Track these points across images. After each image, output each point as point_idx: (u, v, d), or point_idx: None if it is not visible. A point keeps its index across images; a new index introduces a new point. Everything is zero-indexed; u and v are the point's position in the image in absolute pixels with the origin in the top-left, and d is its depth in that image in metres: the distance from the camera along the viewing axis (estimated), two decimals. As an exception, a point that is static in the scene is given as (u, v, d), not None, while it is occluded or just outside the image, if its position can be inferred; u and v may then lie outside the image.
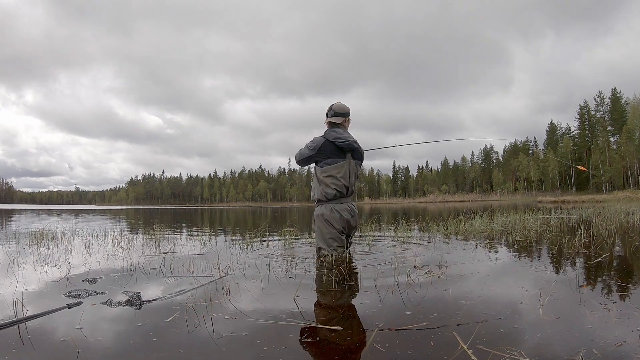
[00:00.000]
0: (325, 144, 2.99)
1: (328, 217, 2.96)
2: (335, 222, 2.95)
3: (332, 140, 2.98)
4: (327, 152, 2.99)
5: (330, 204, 2.98)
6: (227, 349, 1.28)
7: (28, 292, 2.05)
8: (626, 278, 2.17)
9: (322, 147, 2.99)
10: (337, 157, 2.99)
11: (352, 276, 2.30)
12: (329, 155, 2.99)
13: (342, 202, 3.02)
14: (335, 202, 2.99)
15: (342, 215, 2.98)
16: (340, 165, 2.98)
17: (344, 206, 3.01)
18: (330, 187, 2.96)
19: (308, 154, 3.04)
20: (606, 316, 1.51)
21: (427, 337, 1.34)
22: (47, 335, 1.40)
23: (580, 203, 22.34)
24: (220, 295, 1.92)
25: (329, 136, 3.01)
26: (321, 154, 2.99)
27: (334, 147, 2.99)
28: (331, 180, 2.96)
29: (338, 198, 2.99)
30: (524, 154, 70.60)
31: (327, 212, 2.97)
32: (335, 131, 3.04)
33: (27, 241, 4.48)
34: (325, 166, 2.98)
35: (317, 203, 3.07)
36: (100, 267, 2.75)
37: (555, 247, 3.37)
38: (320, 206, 3.03)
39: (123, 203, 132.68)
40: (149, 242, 4.36)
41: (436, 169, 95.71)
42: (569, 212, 10.25)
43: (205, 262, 2.88)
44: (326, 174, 2.97)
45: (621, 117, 54.34)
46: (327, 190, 2.97)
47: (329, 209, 2.97)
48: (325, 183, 2.97)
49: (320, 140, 3.01)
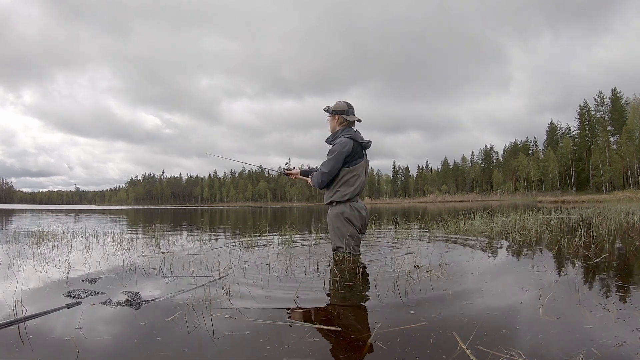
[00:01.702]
0: (355, 145, 2.96)
1: (349, 215, 2.92)
2: (355, 220, 2.93)
3: (360, 140, 2.99)
4: (355, 152, 2.96)
5: (349, 203, 2.95)
6: (227, 349, 1.28)
7: (28, 291, 2.05)
8: (626, 278, 2.16)
9: (354, 148, 2.95)
10: (359, 157, 2.99)
11: (352, 276, 2.30)
12: (354, 156, 2.96)
13: (358, 200, 3.03)
14: (353, 201, 2.97)
15: (361, 213, 2.97)
16: (362, 164, 2.98)
17: (360, 204, 3.01)
18: (352, 186, 2.94)
19: (338, 167, 2.91)
20: (606, 316, 1.50)
21: (426, 337, 1.34)
22: (47, 335, 1.40)
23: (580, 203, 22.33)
24: (220, 295, 1.92)
25: (356, 137, 2.98)
26: (350, 155, 2.95)
27: (358, 147, 2.98)
28: (354, 179, 2.95)
29: (355, 197, 2.98)
30: (524, 154, 70.61)
31: (348, 210, 2.92)
32: (356, 130, 3.06)
33: (27, 241, 4.48)
34: (351, 166, 2.95)
35: (335, 204, 3.00)
36: (100, 267, 2.75)
37: (555, 247, 3.37)
38: (338, 205, 2.98)
39: (123, 203, 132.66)
40: (149, 242, 4.36)
41: (436, 169, 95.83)
42: (569, 212, 10.25)
43: (205, 262, 2.88)
44: (352, 173, 2.94)
45: (621, 117, 54.35)
46: (348, 190, 2.93)
47: (349, 207, 2.93)
48: (349, 183, 2.94)
49: (350, 142, 2.93)
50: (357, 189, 2.95)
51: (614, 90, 57.34)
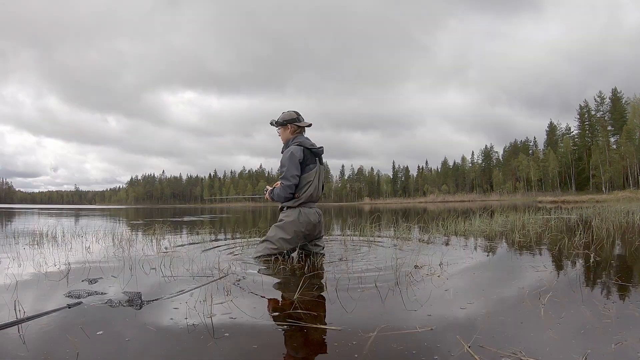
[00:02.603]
0: (305, 151, 2.99)
1: (295, 220, 2.93)
2: (301, 226, 2.93)
3: (309, 147, 3.01)
4: (307, 159, 2.99)
5: (300, 208, 2.97)
6: (228, 349, 1.28)
7: (28, 292, 2.05)
8: (626, 278, 2.16)
9: (305, 156, 2.98)
10: (312, 163, 3.01)
11: (352, 276, 2.30)
12: (306, 162, 2.99)
13: (312, 206, 3.03)
14: (305, 207, 2.99)
15: (310, 219, 2.97)
16: (315, 170, 3.00)
17: (312, 210, 3.01)
18: (304, 192, 2.96)
19: (296, 173, 2.93)
20: (607, 316, 1.50)
21: (428, 337, 1.34)
22: (47, 336, 1.40)
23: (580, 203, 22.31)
24: (221, 295, 1.92)
25: (305, 143, 3.01)
26: (302, 162, 2.97)
27: (309, 153, 3.01)
28: (308, 186, 2.97)
29: (308, 202, 3.00)
30: (524, 153, 70.59)
31: (295, 216, 2.94)
32: (306, 138, 3.10)
33: (27, 241, 4.48)
34: (304, 173, 2.97)
35: (286, 209, 3.03)
36: (100, 267, 2.75)
37: (555, 247, 3.37)
38: (288, 210, 3.01)
39: (123, 203, 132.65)
40: (149, 241, 4.36)
41: (436, 168, 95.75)
42: (569, 212, 10.25)
43: (206, 262, 2.88)
44: (305, 180, 2.97)
45: (621, 117, 54.31)
46: (300, 196, 2.96)
47: (298, 212, 2.95)
48: (301, 190, 2.96)
49: (298, 149, 2.96)
50: (309, 195, 2.97)
51: (614, 90, 57.30)
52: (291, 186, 2.93)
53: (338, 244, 3.98)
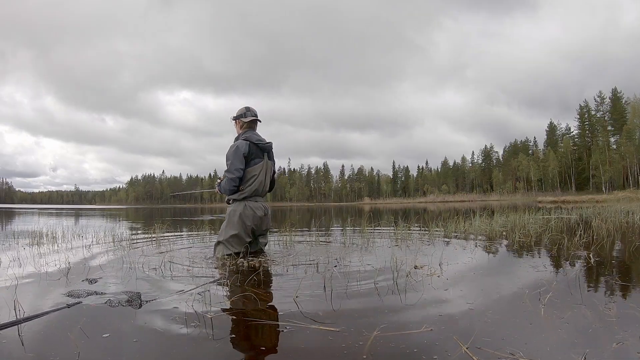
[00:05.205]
0: (251, 146, 3.02)
1: (242, 213, 2.99)
2: (247, 220, 2.99)
3: (255, 142, 3.04)
4: (253, 154, 3.03)
5: (245, 202, 3.02)
6: (227, 349, 1.28)
7: (28, 292, 2.05)
8: (626, 278, 2.16)
9: (250, 150, 3.01)
10: (257, 158, 3.05)
11: (352, 276, 2.30)
12: (253, 157, 3.02)
13: (257, 200, 3.08)
14: (250, 200, 3.03)
15: (256, 213, 3.01)
16: (261, 165, 3.05)
17: (258, 204, 3.06)
18: (249, 185, 3.01)
19: (240, 167, 2.98)
20: (607, 316, 1.50)
21: (427, 337, 1.34)
22: (47, 335, 1.40)
23: (580, 203, 22.31)
24: (221, 295, 1.92)
25: (251, 138, 3.05)
26: (248, 157, 3.02)
27: (255, 148, 3.04)
28: (252, 179, 3.02)
29: (253, 196, 3.04)
30: (524, 153, 70.59)
31: (241, 209, 3.00)
32: (255, 133, 3.13)
33: (27, 241, 4.48)
34: (249, 167, 3.02)
35: (232, 201, 3.10)
36: (100, 267, 2.75)
37: (555, 247, 3.37)
38: (234, 203, 3.08)
39: (123, 203, 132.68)
40: (149, 242, 4.36)
41: (436, 168, 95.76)
42: (569, 212, 10.24)
43: (206, 262, 2.88)
44: (250, 174, 3.01)
45: (621, 117, 54.29)
46: (245, 189, 3.01)
47: (243, 206, 3.01)
48: (246, 183, 3.02)
49: (245, 145, 3.00)
50: (254, 189, 3.02)
51: (614, 90, 57.28)
52: (235, 179, 2.98)
53: (338, 244, 3.98)
